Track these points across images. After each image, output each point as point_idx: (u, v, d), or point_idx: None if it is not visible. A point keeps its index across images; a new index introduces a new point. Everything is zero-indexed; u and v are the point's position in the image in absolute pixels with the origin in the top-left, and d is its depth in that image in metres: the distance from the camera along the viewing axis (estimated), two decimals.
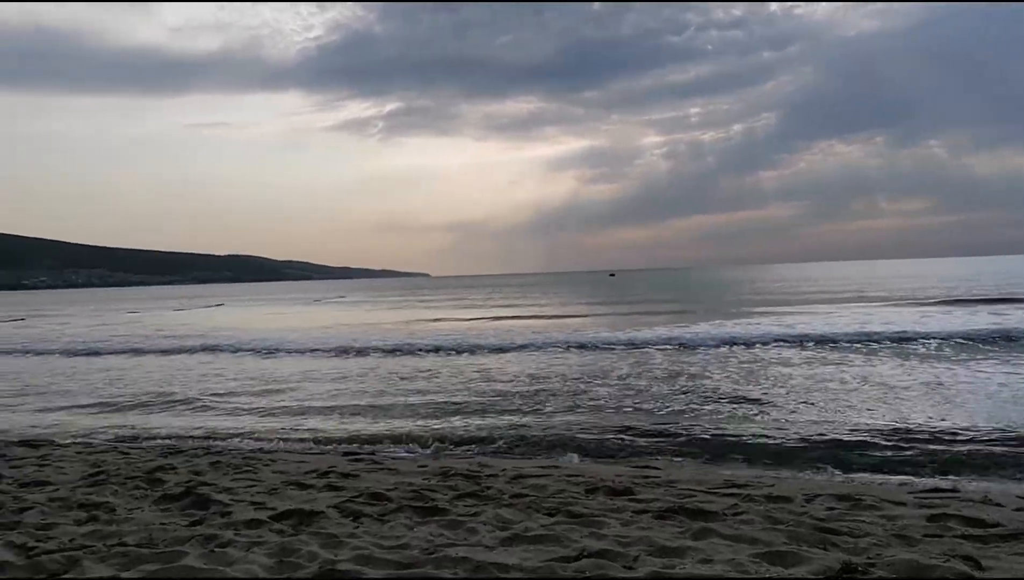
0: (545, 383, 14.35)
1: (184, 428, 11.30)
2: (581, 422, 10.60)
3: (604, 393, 12.94)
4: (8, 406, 14.10)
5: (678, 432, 9.78)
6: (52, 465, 7.98)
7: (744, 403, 11.57)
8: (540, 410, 11.74)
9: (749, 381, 13.72)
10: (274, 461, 8.20)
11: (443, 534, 5.10)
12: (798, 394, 12.12)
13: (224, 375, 17.83)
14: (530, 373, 15.93)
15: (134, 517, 5.73)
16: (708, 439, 9.33)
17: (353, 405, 12.85)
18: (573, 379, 14.62)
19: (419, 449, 9.37)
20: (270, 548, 4.80)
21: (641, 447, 9.12)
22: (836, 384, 12.98)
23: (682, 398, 12.17)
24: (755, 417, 10.55)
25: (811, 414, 10.51)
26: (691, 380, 14.08)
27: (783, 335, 20.65)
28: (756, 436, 9.36)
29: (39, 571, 4.52)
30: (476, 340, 22.73)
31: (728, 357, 17.42)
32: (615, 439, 9.57)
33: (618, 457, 8.72)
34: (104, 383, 17.02)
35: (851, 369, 14.77)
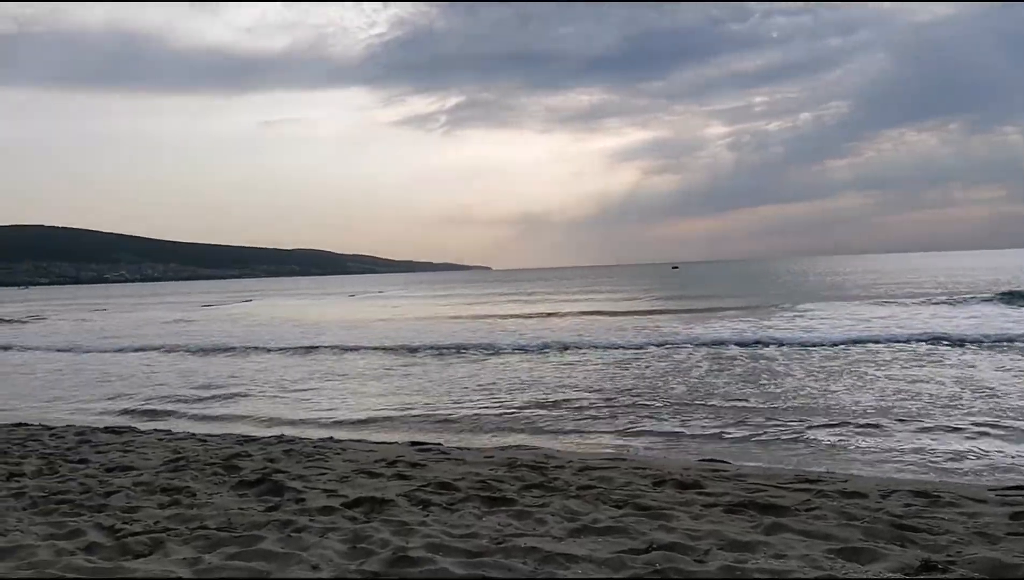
0: (616, 382, 14.08)
1: (255, 417, 11.65)
2: (649, 417, 10.52)
3: (678, 390, 12.62)
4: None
5: (747, 427, 9.62)
6: (135, 451, 8.32)
7: (820, 400, 11.29)
8: (603, 404, 11.69)
9: (825, 378, 13.23)
10: (344, 450, 8.38)
11: (511, 524, 5.14)
12: (875, 393, 11.62)
13: (274, 369, 18.26)
14: (602, 371, 15.78)
15: (213, 502, 5.93)
16: (777, 435, 9.14)
17: (414, 401, 12.98)
18: (647, 378, 14.20)
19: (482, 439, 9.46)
20: (344, 534, 4.91)
21: (710, 442, 9.01)
22: (925, 385, 12.18)
23: (756, 395, 11.84)
24: (830, 414, 10.29)
25: (889, 412, 10.17)
26: (768, 378, 13.59)
27: (861, 332, 19.47)
28: (829, 430, 9.16)
29: (126, 552, 4.72)
30: (514, 339, 22.36)
31: (803, 354, 16.65)
32: (681, 434, 9.49)
33: (685, 451, 8.64)
34: (176, 377, 17.64)
35: (938, 368, 13.86)
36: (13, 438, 9.23)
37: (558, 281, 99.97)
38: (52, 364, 20.98)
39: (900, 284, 48.33)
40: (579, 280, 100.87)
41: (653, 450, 8.72)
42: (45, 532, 5.16)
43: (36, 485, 6.59)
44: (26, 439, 9.12)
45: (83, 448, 8.47)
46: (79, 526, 5.25)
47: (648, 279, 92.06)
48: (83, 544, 4.85)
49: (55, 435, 9.49)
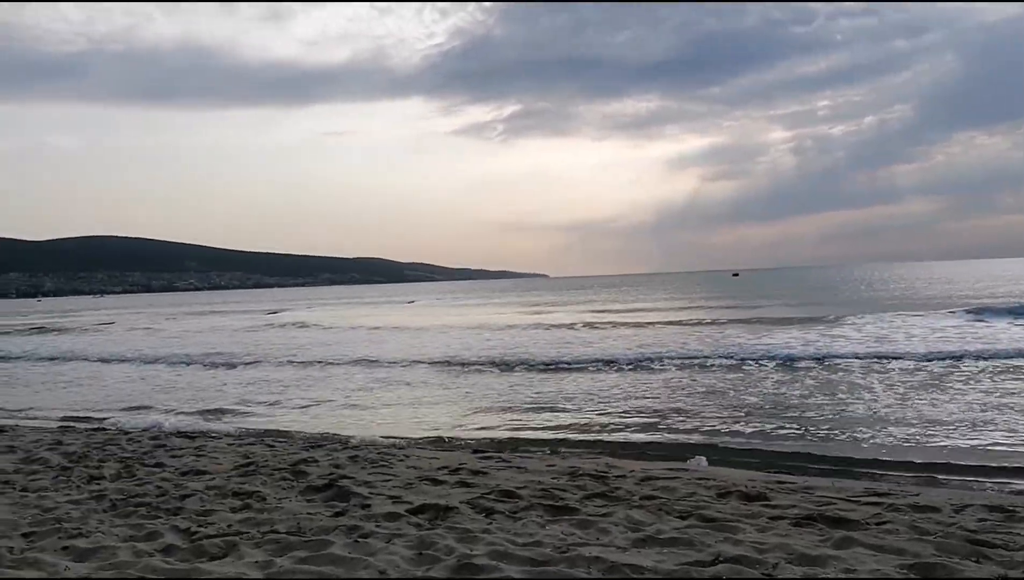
0: (682, 392, 13.88)
1: (317, 423, 11.89)
2: (716, 428, 10.40)
3: (746, 401, 12.37)
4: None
5: (816, 440, 9.42)
6: (207, 455, 8.58)
7: (894, 414, 10.97)
8: (673, 413, 11.59)
9: (901, 392, 12.65)
10: (407, 457, 8.50)
11: (575, 533, 5.14)
12: (953, 408, 11.14)
13: (338, 378, 18.55)
14: (668, 381, 15.63)
15: (283, 506, 6.08)
16: (848, 449, 8.92)
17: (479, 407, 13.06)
18: (716, 389, 13.91)
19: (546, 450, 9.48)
20: (409, 540, 4.99)
21: (776, 454, 8.86)
22: (1015, 398, 11.62)
23: (825, 407, 11.53)
24: (901, 427, 10.00)
25: (964, 427, 9.81)
26: (841, 391, 13.00)
27: (935, 347, 18.20)
28: (901, 445, 8.91)
29: (201, 554, 4.88)
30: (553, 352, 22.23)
31: (876, 366, 15.88)
32: (748, 445, 9.36)
33: (750, 463, 8.51)
34: (239, 386, 18.09)
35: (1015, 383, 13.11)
36: (92, 442, 9.60)
37: (617, 289, 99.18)
38: (125, 370, 21.74)
39: (975, 291, 46.51)
40: (639, 288, 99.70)
41: (716, 461, 8.61)
42: (125, 534, 5.37)
43: (115, 488, 6.86)
44: (105, 443, 9.48)
45: (158, 452, 8.77)
46: (156, 528, 5.44)
47: (709, 287, 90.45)
48: (161, 546, 5.03)
49: (132, 439, 9.85)
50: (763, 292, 64.96)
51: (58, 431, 10.97)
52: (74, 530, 5.42)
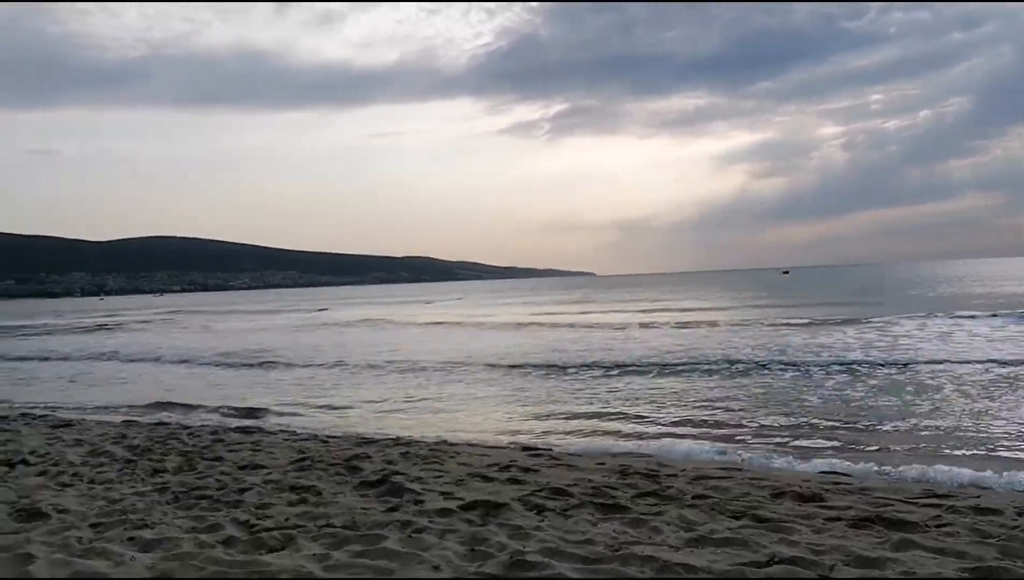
0: (740, 392, 13.62)
1: (369, 421, 12.07)
2: (770, 428, 10.27)
3: (803, 403, 12.05)
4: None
5: (871, 441, 9.24)
6: (264, 450, 8.78)
7: (955, 419, 10.65)
8: (722, 414, 11.47)
9: (965, 396, 12.11)
10: (458, 454, 8.57)
11: (627, 532, 5.14)
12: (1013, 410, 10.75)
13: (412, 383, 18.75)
14: (725, 381, 15.40)
15: (338, 501, 6.20)
16: (905, 451, 8.72)
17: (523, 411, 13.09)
18: (773, 389, 13.60)
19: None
20: (462, 536, 5.04)
21: (830, 454, 8.70)
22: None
23: (882, 409, 11.19)
24: (966, 432, 9.71)
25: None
26: (901, 393, 12.47)
27: (997, 350, 17.09)
28: (964, 448, 8.68)
29: (261, 546, 5.01)
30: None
31: (939, 370, 14.88)
32: (800, 446, 9.22)
33: (804, 463, 8.37)
34: (294, 385, 18.42)
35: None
36: (155, 436, 9.91)
37: (666, 287, 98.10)
38: (181, 368, 22.34)
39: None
40: (688, 286, 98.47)
41: (770, 460, 8.49)
42: (187, 525, 5.53)
43: (177, 481, 7.07)
44: (166, 437, 9.77)
45: (217, 447, 9.00)
46: (217, 520, 5.60)
47: (759, 285, 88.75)
48: (222, 538, 5.18)
49: (192, 434, 10.13)
50: (815, 290, 63.50)
51: (122, 425, 11.33)
52: (139, 521, 5.62)
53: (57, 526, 5.54)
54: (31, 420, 11.85)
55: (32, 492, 6.71)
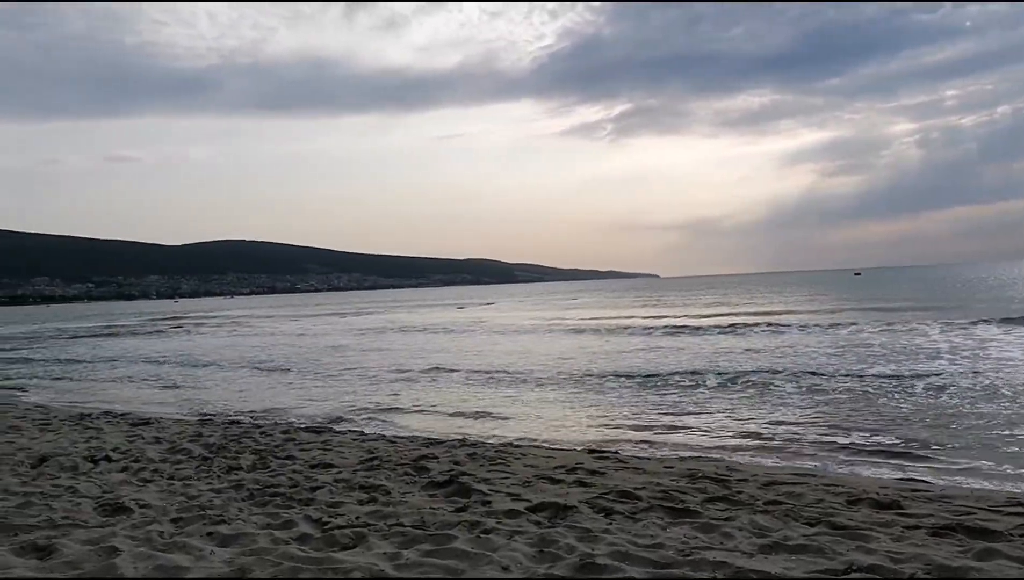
0: (816, 397, 13.32)
1: (436, 422, 12.17)
2: (844, 433, 9.99)
3: (885, 410, 11.61)
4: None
5: (954, 449, 8.90)
6: (334, 450, 8.94)
7: None
8: (796, 417, 11.21)
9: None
10: (524, 455, 8.57)
11: (697, 536, 5.06)
12: None
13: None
14: (802, 387, 15.04)
15: (407, 500, 6.27)
16: (992, 459, 8.36)
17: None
18: (855, 392, 13.20)
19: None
20: (530, 538, 5.04)
21: (909, 460, 8.42)
22: None
23: (969, 417, 10.66)
24: None
25: None
26: (990, 399, 11.85)
27: None
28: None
29: (333, 544, 5.10)
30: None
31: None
32: (879, 451, 8.95)
33: (882, 468, 8.13)
34: (357, 384, 18.65)
35: None
36: (229, 435, 10.19)
37: (734, 289, 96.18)
38: (255, 370, 22.92)
39: None
40: (756, 288, 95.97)
41: (844, 467, 8.27)
42: (262, 522, 5.68)
43: (252, 478, 7.26)
44: (240, 436, 10.05)
45: (288, 446, 9.21)
46: (291, 517, 5.73)
47: (832, 286, 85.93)
48: (296, 534, 5.29)
49: (264, 433, 10.39)
50: (891, 292, 61.07)
51: (198, 423, 11.70)
52: (217, 517, 5.78)
53: (140, 520, 5.75)
54: (113, 418, 12.33)
55: (115, 487, 6.98)
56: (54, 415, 12.80)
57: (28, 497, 6.50)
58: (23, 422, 11.76)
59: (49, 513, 5.95)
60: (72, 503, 6.31)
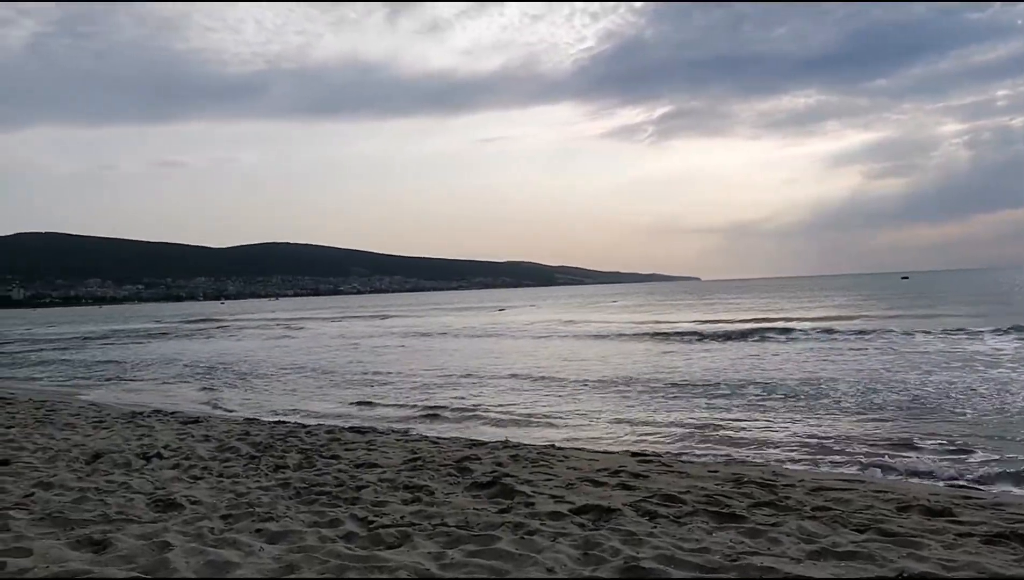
0: (865, 403, 13.02)
1: (473, 426, 12.22)
2: (896, 441, 9.77)
3: (938, 414, 11.41)
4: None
5: (1011, 456, 8.66)
6: (378, 450, 9.03)
7: None
8: (845, 423, 11.02)
9: None
10: (566, 458, 8.57)
11: (743, 542, 5.01)
12: None
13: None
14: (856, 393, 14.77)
15: (450, 501, 6.31)
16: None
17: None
18: (903, 400, 12.87)
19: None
20: (574, 540, 5.04)
21: (960, 468, 8.21)
22: None
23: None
24: None
25: None
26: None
27: None
28: None
29: (379, 543, 5.15)
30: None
31: None
32: (929, 458, 8.75)
33: (932, 475, 7.94)
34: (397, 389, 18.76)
35: None
36: (276, 434, 10.36)
37: (778, 292, 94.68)
38: (310, 371, 23.26)
39: None
40: (802, 291, 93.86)
41: (893, 473, 8.11)
42: (309, 520, 5.76)
43: (298, 477, 7.37)
44: (286, 435, 10.20)
45: (334, 445, 9.33)
46: (337, 516, 5.81)
47: (879, 290, 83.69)
48: (342, 533, 5.36)
49: (309, 432, 10.53)
50: (941, 297, 59.38)
51: (244, 423, 11.92)
52: (265, 514, 5.89)
53: (191, 516, 5.87)
54: (163, 416, 12.61)
55: (167, 484, 7.15)
56: (107, 413, 13.14)
57: (83, 492, 6.68)
58: (78, 419, 12.10)
59: (104, 508, 6.11)
60: (126, 499, 6.47)
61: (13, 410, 13.45)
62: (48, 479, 7.27)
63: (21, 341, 46.95)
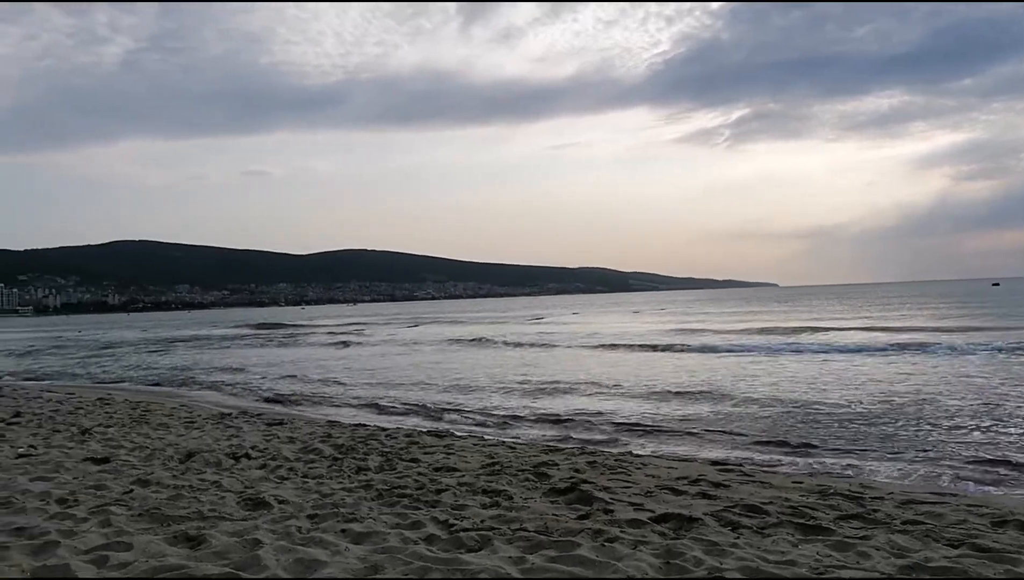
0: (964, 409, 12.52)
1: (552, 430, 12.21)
2: (991, 456, 9.34)
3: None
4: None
5: None
6: (456, 454, 9.14)
7: None
8: (936, 434, 10.60)
9: None
10: (644, 465, 8.50)
11: (831, 555, 4.88)
12: None
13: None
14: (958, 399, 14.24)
15: (529, 506, 6.34)
16: None
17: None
18: (1001, 412, 12.25)
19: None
20: (655, 548, 5.00)
21: None
22: None
23: None
24: None
25: None
26: None
27: None
28: None
29: (460, 546, 5.22)
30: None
31: None
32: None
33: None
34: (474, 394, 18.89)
35: None
36: (356, 436, 10.60)
37: (862, 300, 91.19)
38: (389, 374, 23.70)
39: None
40: (887, 299, 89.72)
41: (987, 487, 7.76)
42: (392, 521, 5.88)
43: (380, 479, 7.52)
44: (367, 438, 10.42)
45: (412, 448, 9.49)
46: (418, 518, 5.91)
47: (970, 298, 78.94)
48: (424, 535, 5.46)
49: (389, 435, 10.73)
50: None
51: (327, 425, 12.22)
52: (349, 515, 6.04)
53: (279, 515, 6.07)
54: (250, 418, 13.05)
55: (255, 483, 7.40)
56: (198, 414, 13.67)
57: (179, 490, 6.99)
58: (171, 420, 12.63)
59: (198, 506, 6.38)
60: (217, 497, 6.73)
61: (111, 410, 14.15)
62: (145, 477, 7.63)
63: (119, 344, 49.21)
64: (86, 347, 46.40)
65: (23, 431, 11.18)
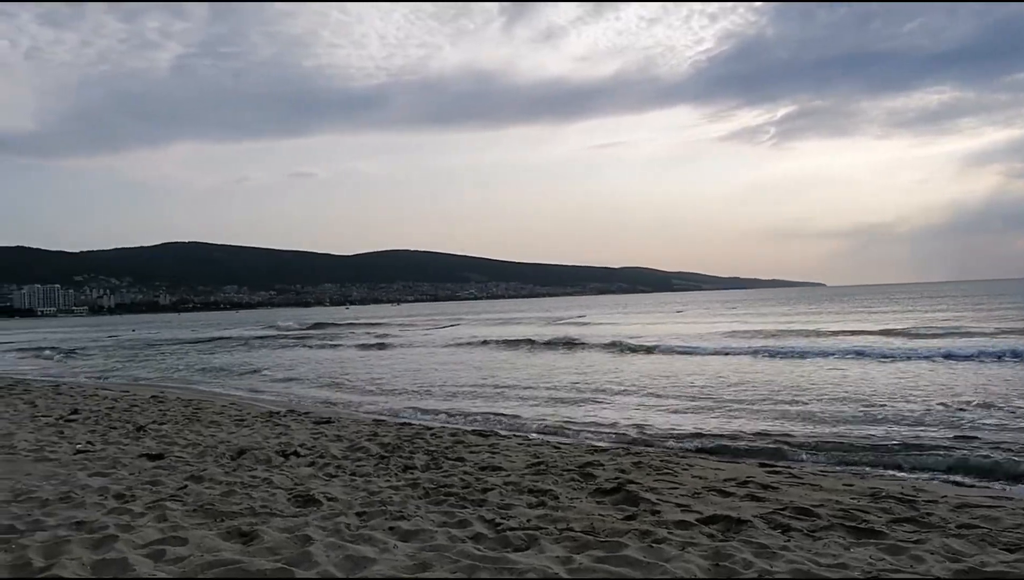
0: None
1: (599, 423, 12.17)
2: None
3: None
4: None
5: None
6: (501, 453, 9.18)
7: None
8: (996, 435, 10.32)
9: None
10: (691, 466, 8.44)
11: (884, 559, 4.80)
12: None
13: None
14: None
15: (575, 506, 6.35)
16: None
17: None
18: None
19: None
20: (703, 550, 4.97)
21: None
22: None
23: None
24: None
25: None
26: None
27: None
28: None
29: (506, 545, 5.25)
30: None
31: None
32: None
33: None
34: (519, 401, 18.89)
35: None
36: (402, 435, 10.70)
37: (913, 299, 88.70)
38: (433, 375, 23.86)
39: None
40: (939, 299, 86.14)
41: None
42: (439, 520, 5.93)
43: (427, 478, 7.59)
44: (413, 437, 10.52)
45: (458, 447, 9.55)
46: (465, 517, 5.96)
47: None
48: (471, 534, 5.50)
49: (434, 435, 10.81)
50: None
51: (373, 424, 12.37)
52: (396, 513, 6.11)
53: (328, 512, 6.17)
54: (298, 416, 13.26)
55: (305, 481, 7.53)
56: (248, 412, 13.94)
57: (231, 487, 7.14)
58: (222, 418, 12.91)
59: (249, 502, 6.51)
60: (268, 493, 6.86)
61: (164, 407, 14.51)
62: (199, 473, 7.82)
63: (171, 342, 50.33)
64: (140, 346, 47.58)
65: (81, 428, 11.54)
